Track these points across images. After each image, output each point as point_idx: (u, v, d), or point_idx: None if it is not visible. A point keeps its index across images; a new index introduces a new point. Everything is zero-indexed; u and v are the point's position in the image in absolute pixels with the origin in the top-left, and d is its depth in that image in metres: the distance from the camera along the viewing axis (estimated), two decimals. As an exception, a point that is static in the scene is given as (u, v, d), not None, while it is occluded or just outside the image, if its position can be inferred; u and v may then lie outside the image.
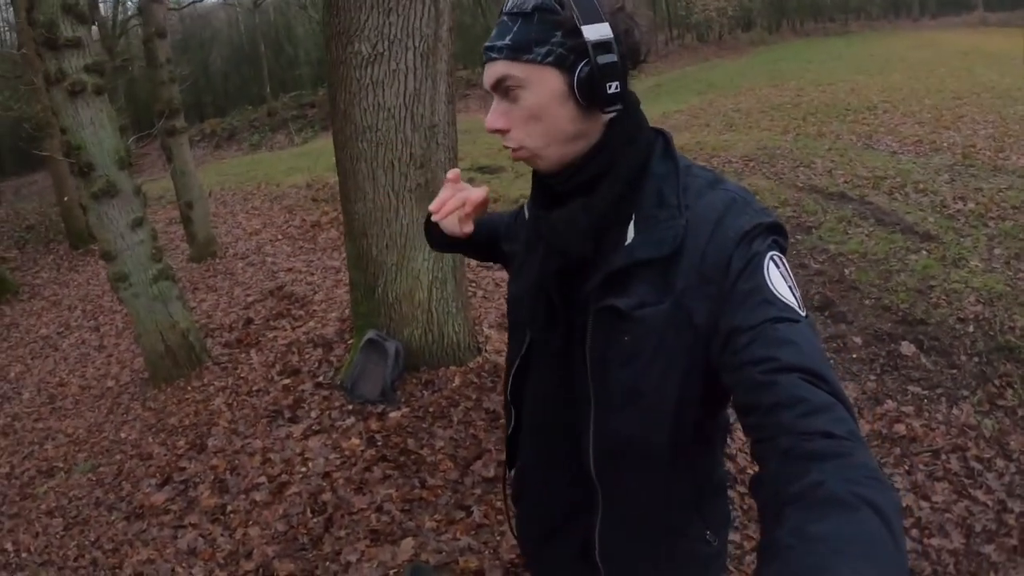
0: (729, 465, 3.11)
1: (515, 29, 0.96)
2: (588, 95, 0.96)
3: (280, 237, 8.53)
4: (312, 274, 6.66)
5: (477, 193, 1.22)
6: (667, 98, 16.17)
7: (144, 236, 4.71)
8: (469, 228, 1.23)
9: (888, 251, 5.38)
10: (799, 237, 5.82)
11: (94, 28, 6.08)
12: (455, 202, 1.19)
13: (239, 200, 11.23)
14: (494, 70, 0.99)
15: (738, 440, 3.31)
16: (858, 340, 4.19)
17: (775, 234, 0.97)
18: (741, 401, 0.88)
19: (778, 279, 0.91)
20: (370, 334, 3.96)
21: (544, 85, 0.96)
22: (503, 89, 0.99)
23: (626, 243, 1.00)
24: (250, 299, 6.31)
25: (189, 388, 4.70)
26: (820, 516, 0.67)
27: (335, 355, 4.52)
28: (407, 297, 3.93)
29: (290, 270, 6.95)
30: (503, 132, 1.02)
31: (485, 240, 1.41)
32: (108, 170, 4.48)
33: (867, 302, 4.62)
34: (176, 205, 8.97)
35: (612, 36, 0.95)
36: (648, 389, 1.00)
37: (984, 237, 5.60)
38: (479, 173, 9.77)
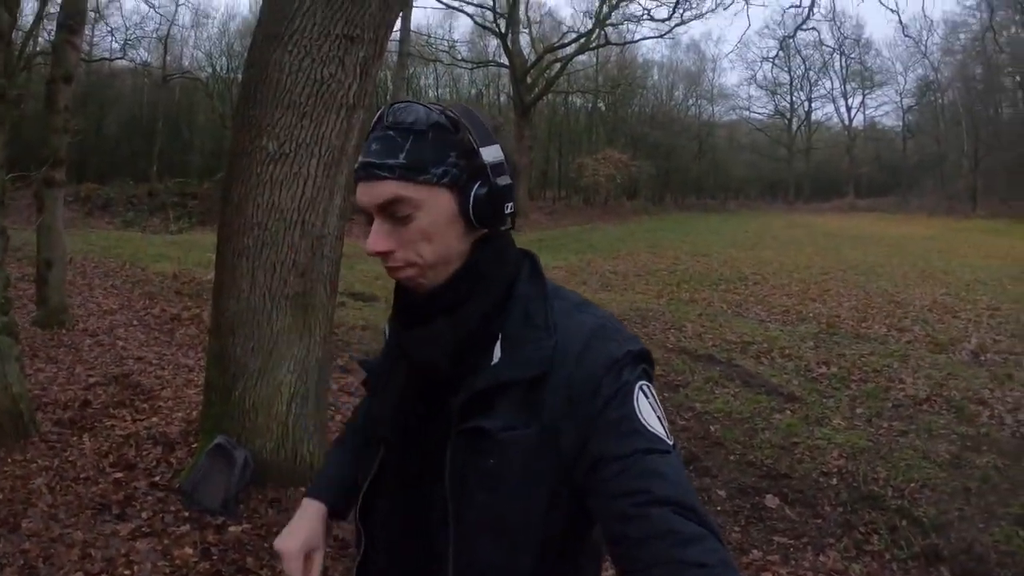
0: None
1: (408, 147, 0.92)
2: (484, 216, 0.96)
3: (136, 323, 8.06)
4: (163, 368, 6.26)
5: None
6: (547, 253, 16.72)
7: (-5, 281, 4.29)
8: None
9: (753, 410, 5.59)
10: (667, 395, 5.98)
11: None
12: None
13: (99, 275, 10.63)
14: (382, 190, 0.93)
15: None
16: (722, 493, 4.24)
17: (644, 362, 0.97)
18: (610, 531, 0.87)
19: (647, 409, 0.91)
20: (219, 439, 3.68)
21: (438, 206, 0.94)
22: (391, 211, 0.94)
23: (492, 363, 0.97)
24: (92, 380, 5.82)
25: (9, 460, 4.20)
26: None
27: (176, 456, 4.18)
28: (265, 406, 3.71)
29: (140, 359, 6.51)
30: (387, 255, 0.96)
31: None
32: (-22, 202, 4.10)
33: (732, 458, 4.72)
34: (32, 262, 8.33)
35: (504, 157, 0.97)
36: (513, 515, 0.95)
37: (846, 398, 5.94)
38: (352, 299, 9.73)
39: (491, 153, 0.95)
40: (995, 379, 6.39)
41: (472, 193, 0.94)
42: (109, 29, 30.78)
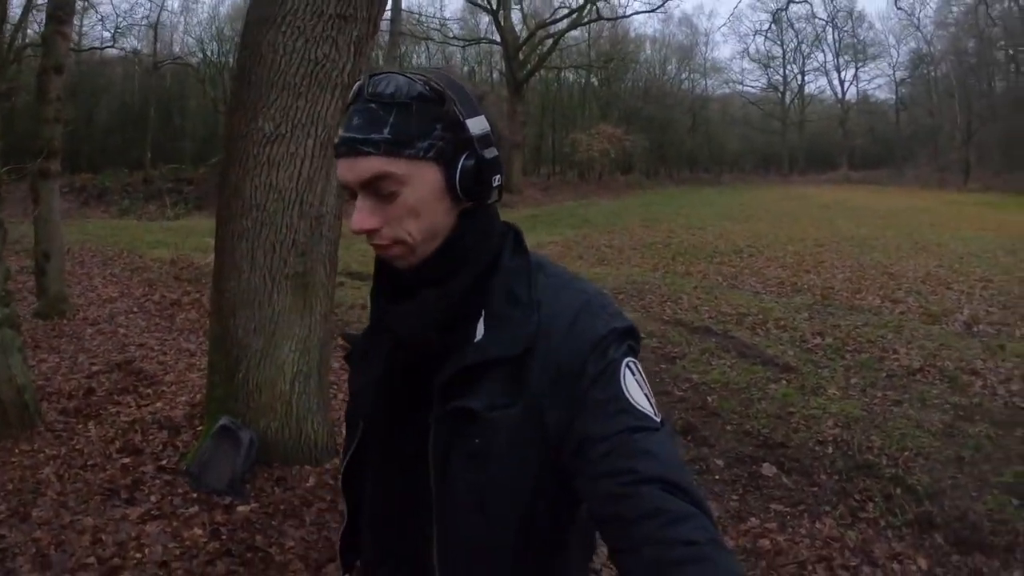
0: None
1: (392, 120, 0.89)
2: (472, 189, 0.93)
3: (136, 310, 8.08)
4: (165, 353, 6.29)
5: None
6: (543, 229, 16.73)
7: (-4, 274, 4.30)
8: None
9: (749, 381, 5.64)
10: (663, 366, 6.03)
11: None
12: None
13: (98, 263, 10.66)
14: (367, 166, 0.90)
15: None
16: (720, 462, 4.29)
17: (630, 338, 0.96)
18: (599, 511, 0.87)
19: (634, 387, 0.91)
20: (224, 420, 3.72)
21: (424, 181, 0.91)
22: (376, 187, 0.91)
23: (475, 340, 0.95)
24: (95, 368, 5.84)
25: (16, 451, 4.23)
26: None
27: (182, 440, 4.22)
28: (268, 386, 3.75)
29: (142, 345, 6.55)
30: (374, 233, 0.94)
31: None
32: (-26, 194, 4.11)
33: (729, 427, 4.77)
34: (30, 254, 8.34)
35: (490, 128, 0.94)
36: (496, 494, 0.94)
37: (841, 368, 5.99)
38: (349, 279, 9.70)
39: (477, 124, 0.93)
40: (987, 350, 6.44)
41: (459, 166, 0.92)
42: (99, 17, 30.40)
